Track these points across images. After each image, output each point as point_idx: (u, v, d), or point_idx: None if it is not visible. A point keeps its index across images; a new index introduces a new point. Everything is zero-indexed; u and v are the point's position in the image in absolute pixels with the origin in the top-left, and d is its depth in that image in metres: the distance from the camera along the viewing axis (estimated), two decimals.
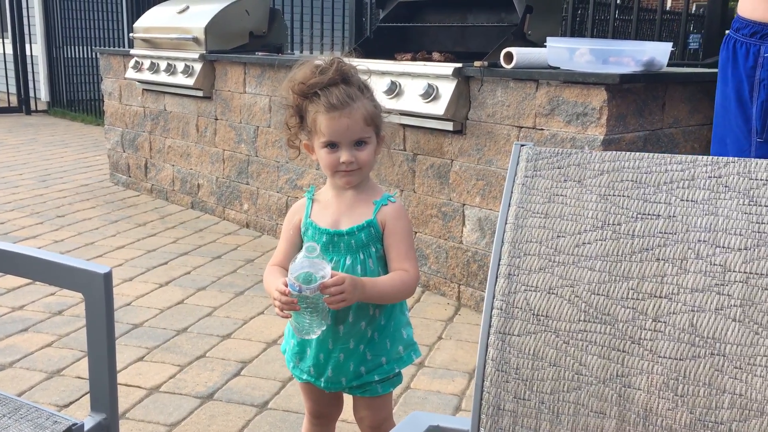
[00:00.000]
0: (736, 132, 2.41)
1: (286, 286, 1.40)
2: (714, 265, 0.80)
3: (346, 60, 1.53)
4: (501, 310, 0.86)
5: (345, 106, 1.46)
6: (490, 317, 0.86)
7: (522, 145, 0.92)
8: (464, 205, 3.19)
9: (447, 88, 3.10)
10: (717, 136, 2.53)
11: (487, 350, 0.85)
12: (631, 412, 0.80)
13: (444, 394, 2.44)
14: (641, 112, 2.81)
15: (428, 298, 3.32)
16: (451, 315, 3.13)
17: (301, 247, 1.58)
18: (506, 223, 0.88)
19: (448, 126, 3.16)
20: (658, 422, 0.79)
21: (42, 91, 10.26)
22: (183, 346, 2.77)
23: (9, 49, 10.11)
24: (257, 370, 2.59)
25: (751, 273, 0.79)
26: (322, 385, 1.61)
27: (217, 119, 4.57)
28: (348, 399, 1.76)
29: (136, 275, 3.55)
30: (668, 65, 3.00)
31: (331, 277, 1.40)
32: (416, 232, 3.42)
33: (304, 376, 1.63)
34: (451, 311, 3.17)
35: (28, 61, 9.85)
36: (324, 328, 1.47)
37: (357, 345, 1.56)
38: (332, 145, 1.50)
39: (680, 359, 0.79)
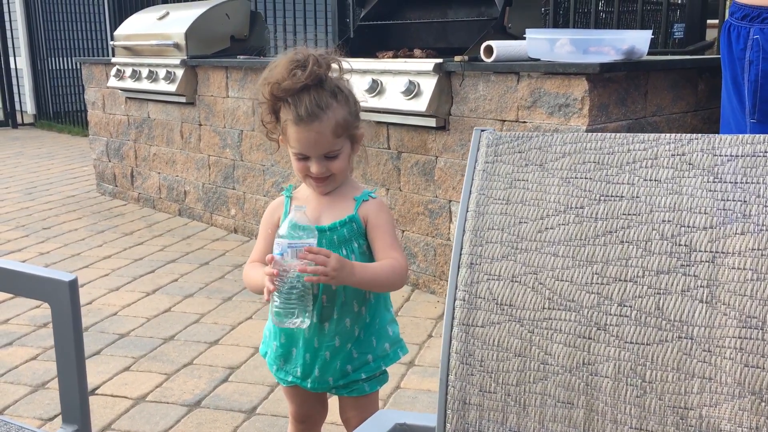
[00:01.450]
0: (736, 114, 2.42)
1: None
2: (679, 245, 0.77)
3: (325, 56, 1.46)
4: (464, 300, 0.83)
5: (313, 119, 1.41)
6: (453, 308, 0.83)
7: (482, 131, 0.89)
8: (450, 201, 3.17)
9: (428, 84, 3.07)
10: (724, 118, 2.55)
11: (450, 343, 0.82)
12: (599, 400, 0.78)
13: (434, 393, 2.40)
14: (624, 101, 2.79)
15: (418, 297, 3.29)
16: (441, 313, 3.10)
17: None
18: (467, 211, 0.85)
19: (431, 122, 3.13)
20: (627, 410, 0.76)
21: (28, 104, 10.21)
22: (170, 354, 2.74)
23: None
24: (245, 375, 2.56)
25: (717, 252, 0.76)
26: (309, 386, 1.58)
27: (201, 125, 4.53)
28: (333, 403, 1.73)
29: (123, 284, 3.52)
30: (651, 54, 2.98)
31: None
32: (403, 231, 3.39)
33: (290, 378, 1.60)
34: (441, 309, 3.14)
35: (13, 74, 9.79)
36: (307, 317, 1.40)
37: (343, 343, 1.54)
38: (302, 156, 1.47)
39: (647, 344, 0.76)
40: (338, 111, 1.44)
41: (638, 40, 2.78)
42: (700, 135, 0.81)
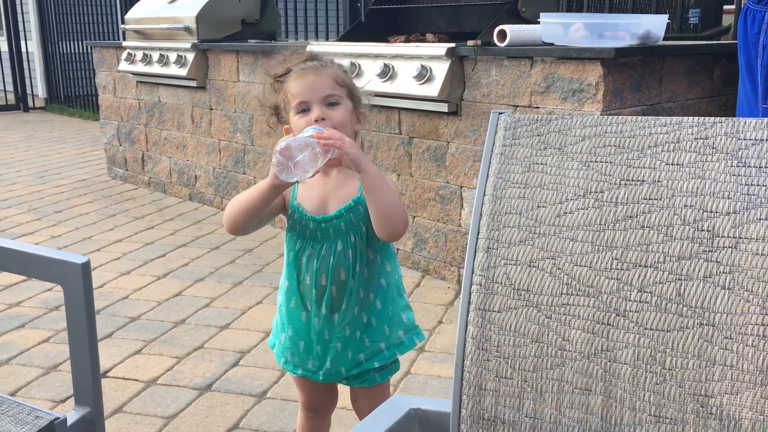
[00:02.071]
0: (749, 98, 2.40)
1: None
2: (701, 230, 0.76)
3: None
4: (480, 285, 0.82)
5: (315, 68, 1.48)
6: (470, 293, 0.82)
7: (500, 113, 0.87)
8: (462, 187, 3.15)
9: (440, 69, 3.05)
10: (740, 103, 2.52)
11: (466, 328, 0.81)
12: (618, 387, 0.76)
13: (445, 379, 2.40)
14: (638, 86, 2.76)
15: (428, 283, 3.28)
16: (451, 299, 3.10)
17: (279, 212, 1.54)
18: (484, 195, 0.84)
19: (443, 107, 3.11)
20: (646, 397, 0.75)
21: (39, 88, 10.22)
22: (181, 337, 2.75)
23: (4, 47, 10.06)
24: (256, 359, 2.56)
25: (740, 238, 0.74)
26: (321, 378, 1.57)
27: (211, 109, 4.52)
28: (344, 390, 1.73)
29: (134, 268, 3.53)
30: (666, 39, 2.94)
31: None
32: (414, 216, 3.38)
33: (299, 371, 1.59)
34: (451, 295, 3.14)
35: (24, 58, 9.80)
36: (310, 172, 1.31)
37: (353, 332, 1.52)
38: (304, 110, 1.46)
39: (667, 330, 0.75)
40: (338, 71, 1.51)
41: (654, 24, 2.74)
42: (723, 118, 0.79)
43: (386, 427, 0.81)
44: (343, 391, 1.76)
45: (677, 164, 0.79)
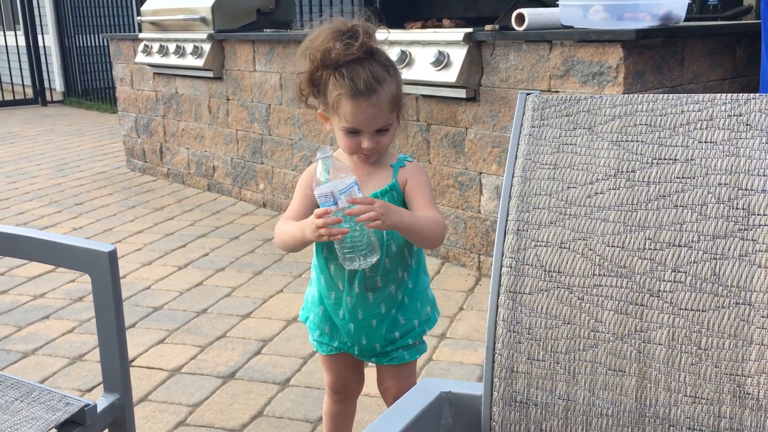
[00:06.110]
0: None
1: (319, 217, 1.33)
2: (736, 209, 0.74)
3: (371, 26, 1.43)
4: (511, 268, 0.81)
5: (372, 93, 1.37)
6: (500, 276, 0.81)
7: (528, 94, 0.86)
8: (481, 173, 3.14)
9: (458, 55, 3.03)
10: (763, 83, 2.48)
11: (497, 311, 0.80)
12: (652, 368, 0.76)
13: (467, 365, 2.40)
14: (660, 68, 2.72)
15: (448, 270, 3.28)
16: (471, 286, 3.09)
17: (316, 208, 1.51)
18: (513, 177, 0.83)
19: (461, 93, 3.09)
20: (681, 378, 0.74)
21: (56, 82, 10.29)
22: (203, 327, 2.76)
23: (21, 41, 10.14)
24: (278, 347, 2.57)
25: None
26: (356, 353, 1.58)
27: (228, 99, 4.53)
28: (369, 376, 1.73)
29: (155, 259, 3.55)
30: (687, 20, 2.90)
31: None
32: None
33: (336, 344, 1.59)
34: (471, 282, 3.13)
35: (41, 52, 9.86)
36: (377, 252, 1.38)
37: (389, 310, 1.53)
38: (354, 131, 1.43)
39: (702, 310, 0.74)
40: (392, 85, 1.42)
41: (675, 4, 2.71)
42: (757, 95, 0.78)
43: (418, 410, 0.80)
44: (368, 378, 1.76)
45: (710, 142, 0.77)
